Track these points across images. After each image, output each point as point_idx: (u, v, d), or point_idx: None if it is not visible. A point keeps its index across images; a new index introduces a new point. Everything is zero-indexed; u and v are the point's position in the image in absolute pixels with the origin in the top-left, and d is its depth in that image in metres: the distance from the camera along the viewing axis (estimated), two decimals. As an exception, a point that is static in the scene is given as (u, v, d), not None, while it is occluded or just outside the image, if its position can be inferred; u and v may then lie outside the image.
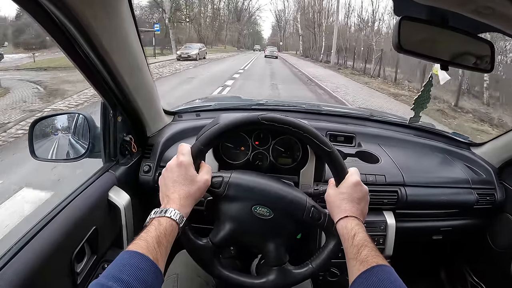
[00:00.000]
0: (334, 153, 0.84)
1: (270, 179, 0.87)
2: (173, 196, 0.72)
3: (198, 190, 0.76)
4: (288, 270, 0.82)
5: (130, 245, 0.61)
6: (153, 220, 0.67)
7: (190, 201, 0.74)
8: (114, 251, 1.01)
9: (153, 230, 0.64)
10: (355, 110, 2.03)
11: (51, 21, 0.68)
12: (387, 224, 1.18)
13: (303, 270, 0.82)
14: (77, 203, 0.86)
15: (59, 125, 1.18)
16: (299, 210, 0.82)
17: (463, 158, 1.49)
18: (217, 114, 1.38)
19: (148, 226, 0.66)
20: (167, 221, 0.67)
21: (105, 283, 0.52)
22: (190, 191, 0.74)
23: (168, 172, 0.77)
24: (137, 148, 1.16)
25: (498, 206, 1.35)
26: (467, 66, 0.80)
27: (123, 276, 0.54)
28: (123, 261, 0.57)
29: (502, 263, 1.37)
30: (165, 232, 0.65)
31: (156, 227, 0.65)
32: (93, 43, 0.76)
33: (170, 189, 0.74)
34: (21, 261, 0.66)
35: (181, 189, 0.74)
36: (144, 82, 1.03)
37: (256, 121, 0.83)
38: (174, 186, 0.74)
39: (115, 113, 1.02)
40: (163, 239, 0.64)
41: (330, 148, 0.84)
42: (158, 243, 0.62)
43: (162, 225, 0.66)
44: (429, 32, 0.71)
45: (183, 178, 0.75)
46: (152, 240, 0.62)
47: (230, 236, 0.81)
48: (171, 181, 0.75)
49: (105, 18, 0.75)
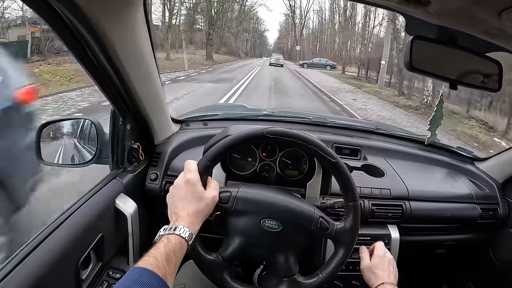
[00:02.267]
0: (339, 163, 0.86)
1: (277, 191, 0.88)
2: (181, 214, 0.73)
3: (206, 206, 0.76)
4: (298, 281, 0.83)
5: (139, 261, 0.61)
6: (162, 237, 0.68)
7: (199, 218, 0.75)
8: (119, 259, 1.01)
9: (162, 247, 0.65)
10: (361, 122, 2.03)
11: (66, 28, 0.69)
12: (391, 237, 1.18)
13: (313, 280, 0.83)
14: (84, 209, 0.87)
15: (67, 130, 1.19)
16: (307, 222, 0.83)
17: (467, 173, 1.49)
18: (224, 123, 1.39)
19: (157, 243, 0.67)
20: (176, 238, 0.68)
21: None
22: (199, 208, 0.75)
23: (176, 189, 0.78)
24: (145, 155, 1.16)
25: (501, 221, 1.35)
26: (475, 85, 0.81)
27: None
28: (132, 278, 0.58)
29: (505, 278, 1.37)
30: (174, 250, 0.66)
31: (165, 244, 0.66)
32: (108, 51, 0.77)
33: (178, 207, 0.75)
34: (29, 266, 0.67)
35: (190, 207, 0.74)
36: (154, 90, 1.04)
37: (261, 135, 0.85)
38: (183, 203, 0.75)
39: (124, 120, 1.02)
40: (172, 257, 0.64)
41: (335, 159, 0.85)
42: (167, 260, 0.62)
43: (171, 243, 0.66)
44: (439, 52, 0.72)
45: (191, 195, 0.75)
46: (162, 257, 0.62)
47: (240, 250, 0.82)
48: (179, 198, 0.76)
49: (121, 26, 0.76)
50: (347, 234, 0.85)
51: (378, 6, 0.66)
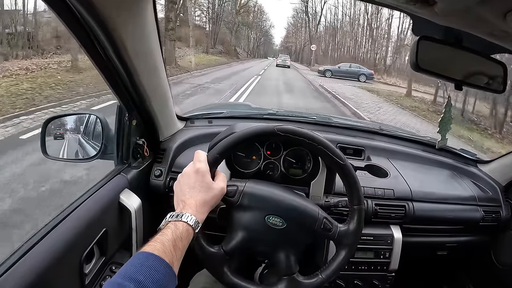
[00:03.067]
0: (347, 166, 0.87)
1: (283, 189, 0.89)
2: (189, 202, 0.73)
3: (214, 197, 0.77)
4: (298, 281, 0.83)
5: (145, 246, 0.61)
6: (169, 223, 0.68)
7: (206, 208, 0.75)
8: (122, 254, 1.02)
9: (170, 233, 0.65)
10: (365, 123, 2.04)
11: (77, 21, 0.70)
12: (393, 238, 1.19)
13: (313, 281, 0.83)
14: (89, 204, 0.87)
15: (72, 125, 1.19)
16: (312, 221, 0.83)
17: (470, 175, 1.49)
18: (229, 121, 1.39)
19: (163, 229, 0.67)
20: (183, 225, 0.68)
21: (121, 283, 0.52)
22: (207, 198, 0.75)
23: (185, 178, 0.78)
24: (149, 152, 1.17)
25: (503, 224, 1.35)
26: (479, 86, 0.81)
27: (139, 277, 0.54)
28: (139, 262, 0.58)
29: (506, 280, 1.37)
30: (181, 236, 0.66)
31: (172, 230, 0.66)
32: (117, 46, 0.78)
33: (186, 195, 0.75)
34: (32, 259, 0.67)
35: (198, 196, 0.74)
36: (161, 86, 1.05)
37: (272, 132, 0.85)
38: (191, 192, 0.75)
39: (130, 116, 1.03)
40: (179, 243, 0.64)
41: (343, 161, 0.86)
42: (174, 246, 0.63)
43: (179, 229, 0.66)
44: (444, 52, 0.73)
45: (200, 185, 0.76)
46: (169, 243, 0.62)
47: (242, 244, 0.82)
48: (187, 187, 0.76)
49: (131, 21, 0.76)
50: (349, 237, 0.85)
51: (386, 6, 0.67)
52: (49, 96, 7.33)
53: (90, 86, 8.65)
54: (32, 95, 7.16)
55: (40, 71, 9.89)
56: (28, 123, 5.52)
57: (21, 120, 5.64)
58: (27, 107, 6.27)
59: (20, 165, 3.82)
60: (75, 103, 7.34)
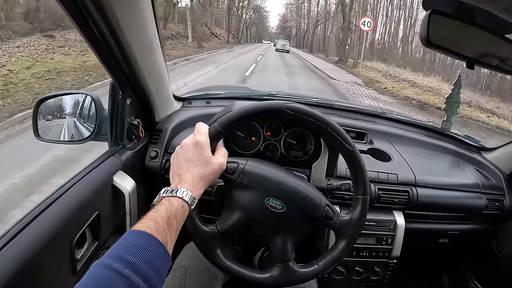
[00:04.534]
0: (355, 152, 0.82)
1: (286, 172, 0.84)
2: (185, 176, 0.69)
3: (212, 172, 0.73)
4: (292, 269, 0.80)
5: (137, 224, 0.57)
6: (163, 199, 0.64)
7: (203, 183, 0.71)
8: (116, 238, 0.99)
9: (164, 210, 0.60)
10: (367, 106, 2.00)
11: None
12: (396, 224, 1.17)
13: (308, 270, 0.80)
14: (80, 186, 0.84)
15: (65, 105, 1.16)
16: (313, 208, 0.80)
17: (473, 162, 1.47)
18: (228, 102, 1.36)
19: (157, 205, 0.63)
20: (178, 201, 0.64)
21: (109, 264, 0.48)
22: (204, 173, 0.71)
23: (183, 150, 0.73)
24: (145, 133, 1.13)
25: (506, 213, 1.34)
26: (492, 66, 0.77)
27: (129, 257, 0.50)
28: (130, 241, 0.53)
29: (506, 270, 1.36)
30: (176, 213, 0.62)
31: (166, 207, 0.61)
32: (109, 20, 0.73)
33: (183, 168, 0.71)
34: (20, 244, 0.64)
35: (195, 169, 0.70)
36: (156, 63, 1.01)
37: (280, 109, 0.81)
38: (188, 165, 0.71)
39: (124, 95, 0.99)
40: (173, 221, 0.60)
41: (352, 147, 0.82)
42: (168, 224, 0.58)
43: (173, 206, 0.62)
44: (456, 28, 0.69)
45: (198, 158, 0.72)
46: (162, 221, 0.58)
47: (238, 225, 0.79)
48: (185, 159, 0.72)
49: None
50: (351, 228, 0.82)
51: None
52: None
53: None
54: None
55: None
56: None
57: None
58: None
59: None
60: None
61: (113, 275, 0.47)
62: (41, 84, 7.04)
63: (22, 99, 5.82)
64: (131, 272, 0.48)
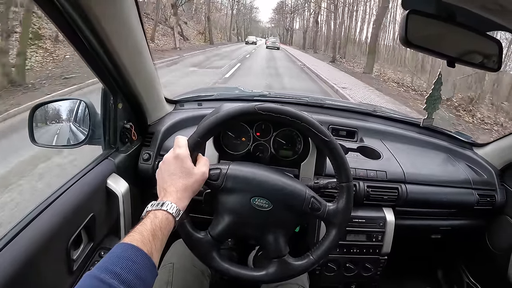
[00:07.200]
0: (332, 142, 0.83)
1: (268, 170, 0.86)
2: (170, 189, 0.72)
3: (195, 182, 0.75)
4: (288, 262, 0.81)
5: (125, 237, 0.60)
6: (149, 213, 0.67)
7: (188, 194, 0.74)
8: (111, 239, 1.01)
9: (149, 223, 0.64)
10: (358, 105, 2.01)
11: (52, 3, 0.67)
12: (386, 220, 1.18)
13: (303, 262, 0.82)
14: (75, 189, 0.86)
15: (60, 111, 1.17)
16: (299, 201, 0.81)
17: (465, 158, 1.48)
18: (219, 103, 1.37)
19: (144, 219, 0.66)
20: (163, 214, 0.67)
21: (97, 275, 0.52)
22: (187, 184, 0.74)
23: (165, 165, 0.76)
24: (137, 136, 1.15)
25: (498, 208, 1.35)
26: (473, 64, 0.78)
27: (116, 269, 0.53)
28: (117, 254, 0.57)
29: (500, 265, 1.36)
30: (161, 226, 0.65)
31: (151, 220, 0.65)
32: (95, 29, 0.75)
33: (167, 182, 0.74)
34: (17, 246, 0.66)
35: (178, 182, 0.73)
36: (145, 68, 1.02)
37: (252, 111, 0.83)
38: (171, 179, 0.74)
39: (115, 99, 1.01)
40: (158, 232, 0.63)
41: (328, 137, 0.83)
42: (153, 236, 0.62)
43: (158, 218, 0.65)
44: (436, 28, 0.70)
45: (180, 170, 0.74)
46: (147, 233, 0.61)
47: (229, 228, 0.81)
48: (167, 174, 0.75)
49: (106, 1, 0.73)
50: (339, 215, 0.83)
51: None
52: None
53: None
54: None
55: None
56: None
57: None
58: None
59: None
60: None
61: (99, 284, 0.51)
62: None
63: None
64: (116, 282, 0.51)
